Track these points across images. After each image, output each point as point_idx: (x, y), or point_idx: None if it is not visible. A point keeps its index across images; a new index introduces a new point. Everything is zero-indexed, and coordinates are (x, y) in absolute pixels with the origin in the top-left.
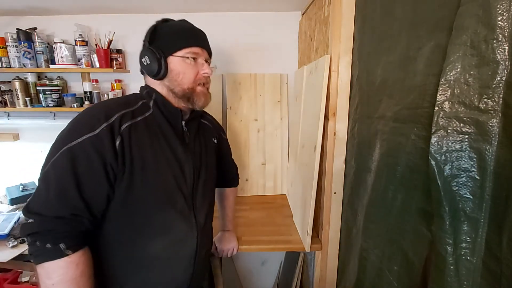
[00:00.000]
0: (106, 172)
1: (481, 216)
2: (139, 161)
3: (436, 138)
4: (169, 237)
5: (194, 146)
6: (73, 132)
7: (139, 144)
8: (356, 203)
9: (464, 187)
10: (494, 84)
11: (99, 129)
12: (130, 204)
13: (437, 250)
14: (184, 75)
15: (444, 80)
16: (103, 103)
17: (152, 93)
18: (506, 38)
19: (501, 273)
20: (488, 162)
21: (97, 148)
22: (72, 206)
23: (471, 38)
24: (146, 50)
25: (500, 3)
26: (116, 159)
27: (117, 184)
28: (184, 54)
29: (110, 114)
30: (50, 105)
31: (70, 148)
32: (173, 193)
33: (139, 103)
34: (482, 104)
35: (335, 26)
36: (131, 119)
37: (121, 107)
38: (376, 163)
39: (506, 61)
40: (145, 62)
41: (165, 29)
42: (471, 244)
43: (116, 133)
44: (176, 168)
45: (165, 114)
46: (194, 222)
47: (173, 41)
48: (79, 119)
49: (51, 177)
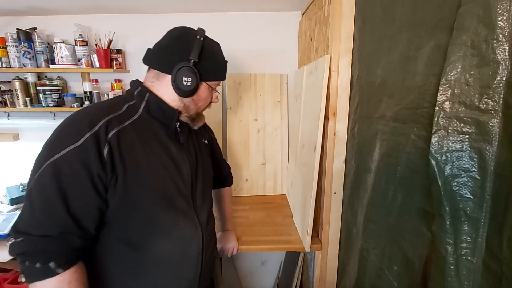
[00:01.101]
0: (94, 184)
1: (481, 216)
2: (132, 167)
3: (436, 138)
4: (174, 238)
5: (188, 147)
6: (55, 144)
7: (130, 149)
8: (356, 203)
9: (465, 187)
10: (494, 84)
11: (83, 139)
12: (128, 211)
13: (437, 250)
14: (204, 102)
15: (444, 80)
16: (85, 110)
17: (145, 93)
18: (506, 38)
19: (501, 273)
20: (488, 162)
21: (82, 160)
22: (59, 224)
23: (472, 38)
24: (191, 70)
25: (500, 3)
26: (104, 169)
27: (110, 193)
28: (213, 85)
29: (94, 121)
30: (50, 105)
31: (53, 162)
32: (172, 194)
33: (123, 107)
34: (483, 104)
35: (335, 26)
36: (118, 125)
37: (105, 113)
38: (376, 163)
39: (507, 61)
40: (186, 81)
41: (210, 54)
42: (472, 244)
43: (103, 142)
44: (172, 168)
45: (157, 116)
46: (197, 221)
47: (214, 71)
48: (61, 129)
49: (35, 194)
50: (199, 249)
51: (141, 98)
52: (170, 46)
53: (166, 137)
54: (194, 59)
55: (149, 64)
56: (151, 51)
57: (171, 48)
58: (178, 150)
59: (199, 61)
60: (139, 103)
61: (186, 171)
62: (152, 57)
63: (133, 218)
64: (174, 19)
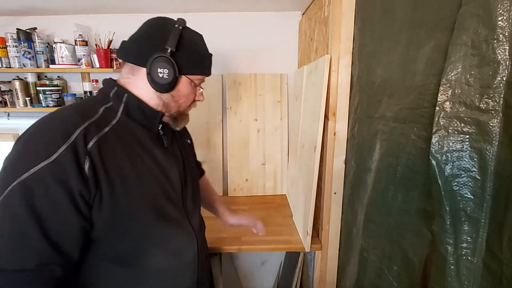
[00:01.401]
0: (74, 204)
1: (481, 216)
2: (118, 180)
3: (437, 138)
4: (169, 249)
5: (173, 150)
6: (22, 160)
7: (114, 159)
8: (356, 203)
9: (465, 187)
10: (494, 84)
11: (57, 154)
12: (118, 227)
13: (437, 250)
14: (186, 99)
15: (445, 80)
16: (56, 116)
17: (122, 94)
18: (506, 38)
19: (502, 273)
20: (488, 162)
21: (58, 178)
22: (37, 254)
23: (472, 38)
24: (167, 60)
25: (500, 3)
26: (86, 185)
27: (95, 212)
28: (195, 79)
29: (68, 130)
30: (50, 105)
31: (22, 182)
32: (162, 203)
33: (100, 110)
34: (483, 104)
35: (335, 26)
36: (97, 132)
37: (80, 119)
38: (376, 163)
39: (507, 61)
40: (162, 73)
41: (189, 44)
42: (472, 244)
43: (83, 155)
44: (161, 176)
45: (138, 119)
46: (191, 228)
47: (195, 63)
48: (28, 141)
49: (4, 223)
50: (195, 255)
51: (118, 100)
52: (145, 36)
53: (150, 142)
54: (171, 48)
55: (124, 57)
56: (126, 44)
57: (146, 39)
58: (164, 155)
59: (177, 51)
60: (117, 105)
61: (175, 176)
62: (126, 49)
63: (124, 235)
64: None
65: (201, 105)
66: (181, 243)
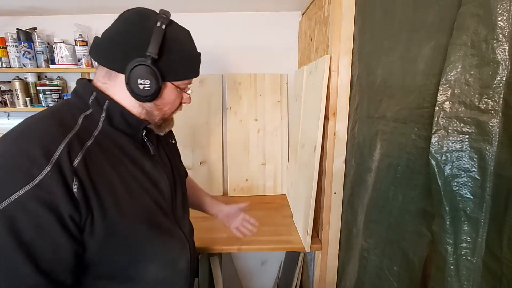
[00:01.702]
0: (65, 228)
1: (481, 216)
2: (109, 197)
3: (436, 138)
4: (164, 259)
5: (160, 156)
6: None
7: (102, 175)
8: (356, 203)
9: (465, 187)
10: (494, 84)
11: (41, 176)
12: (113, 247)
13: (437, 250)
14: (171, 106)
15: (444, 80)
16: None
17: (103, 101)
18: (506, 38)
19: (501, 273)
20: (488, 162)
21: (44, 203)
22: (27, 286)
23: (472, 38)
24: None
25: (500, 3)
26: (77, 208)
27: (87, 234)
28: (180, 85)
29: (49, 148)
30: (50, 105)
31: (3, 210)
32: (155, 216)
33: (79, 119)
34: (483, 104)
35: (335, 26)
36: (80, 147)
37: (60, 132)
38: (377, 163)
39: (507, 61)
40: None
41: (174, 46)
42: (472, 244)
43: (69, 175)
44: (150, 187)
45: (121, 127)
46: (183, 235)
47: (181, 67)
48: (3, 162)
49: None
50: (188, 262)
51: (99, 107)
52: (122, 36)
53: (136, 151)
54: (152, 55)
55: (97, 59)
56: (99, 41)
57: (124, 39)
58: (151, 164)
59: (160, 58)
60: (97, 113)
61: (165, 186)
62: (100, 49)
63: (118, 252)
64: (174, 19)
65: (201, 105)
66: (175, 252)
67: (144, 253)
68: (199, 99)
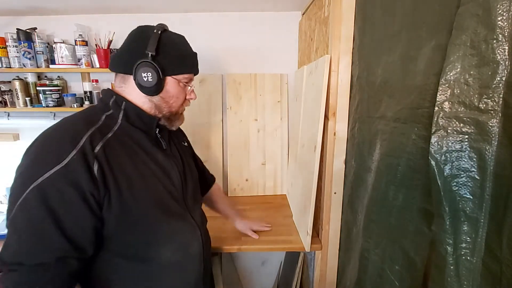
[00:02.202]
0: (87, 203)
1: (481, 216)
2: (124, 181)
3: (436, 138)
4: (176, 243)
5: (172, 151)
6: (36, 166)
7: (119, 162)
8: (356, 203)
9: (464, 187)
10: (494, 84)
11: (68, 159)
12: (127, 225)
13: (437, 250)
14: (176, 99)
15: (444, 80)
16: (62, 126)
17: (121, 102)
18: (506, 38)
19: (501, 273)
20: (488, 162)
21: (70, 181)
22: (56, 249)
23: (471, 38)
24: (149, 64)
25: (500, 3)
26: (97, 187)
27: (105, 210)
28: (182, 79)
29: (75, 137)
30: (50, 105)
31: (38, 186)
32: (167, 201)
33: (102, 117)
34: (482, 104)
35: (335, 26)
36: (101, 138)
37: (85, 126)
38: (377, 163)
39: (506, 61)
40: (146, 77)
41: (170, 46)
42: (471, 244)
43: (91, 159)
44: (163, 176)
45: (137, 124)
46: (194, 222)
47: (178, 63)
48: (40, 149)
49: (23, 222)
50: (200, 248)
51: (118, 107)
52: (128, 46)
53: (150, 145)
54: (151, 52)
55: (114, 69)
56: (113, 56)
57: (130, 48)
58: (163, 156)
59: (157, 54)
60: (117, 112)
61: (176, 176)
62: (114, 61)
63: (133, 232)
64: (174, 19)
65: (201, 105)
66: (186, 237)
67: (156, 235)
68: (199, 99)
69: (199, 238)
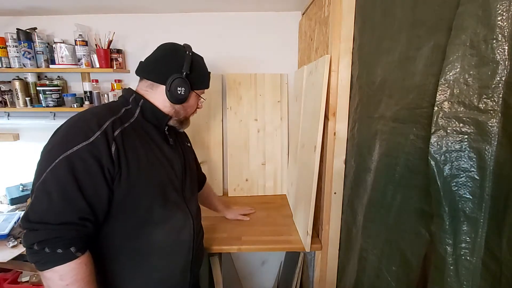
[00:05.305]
0: (104, 176)
1: (480, 216)
2: (135, 163)
3: (435, 138)
4: (169, 226)
5: (177, 147)
6: (67, 141)
7: (132, 147)
8: (356, 203)
9: (464, 187)
10: (493, 84)
11: (94, 137)
12: (130, 202)
13: (437, 250)
14: (192, 108)
15: (443, 80)
16: (90, 112)
17: (139, 100)
18: (505, 38)
19: (501, 273)
20: (487, 162)
21: (94, 155)
22: (78, 210)
23: (471, 38)
24: (184, 80)
25: (499, 3)
26: (113, 163)
27: (116, 186)
28: (200, 93)
29: (101, 121)
30: (50, 105)
31: (67, 156)
32: (167, 188)
33: (122, 110)
34: (482, 104)
35: (335, 26)
36: (120, 125)
37: (109, 114)
38: (376, 163)
39: (506, 61)
40: (180, 90)
41: (197, 65)
42: (471, 244)
43: (111, 140)
44: (167, 166)
45: (150, 119)
46: (188, 211)
47: (201, 80)
48: (71, 127)
49: (52, 185)
50: (191, 236)
51: (136, 104)
52: (163, 59)
53: (159, 138)
54: (186, 71)
55: (144, 75)
56: (144, 64)
57: (165, 62)
58: (169, 150)
59: (190, 74)
60: (134, 108)
61: (178, 168)
62: (146, 69)
63: (134, 210)
64: (174, 19)
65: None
66: (179, 223)
67: (152, 216)
68: None
69: (191, 226)
